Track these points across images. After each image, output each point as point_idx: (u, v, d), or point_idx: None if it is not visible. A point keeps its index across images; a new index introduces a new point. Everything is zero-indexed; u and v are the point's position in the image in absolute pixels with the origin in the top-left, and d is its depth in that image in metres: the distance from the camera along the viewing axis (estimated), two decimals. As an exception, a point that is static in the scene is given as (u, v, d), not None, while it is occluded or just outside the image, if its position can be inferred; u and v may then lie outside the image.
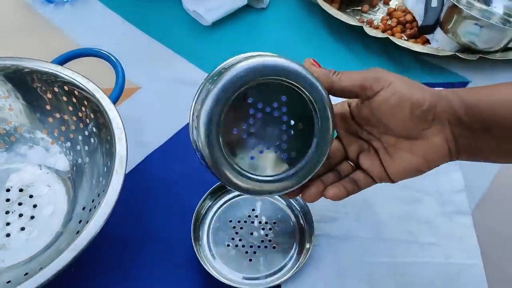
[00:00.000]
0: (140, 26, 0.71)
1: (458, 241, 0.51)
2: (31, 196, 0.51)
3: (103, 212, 0.40)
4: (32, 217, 0.50)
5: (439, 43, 0.67)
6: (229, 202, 0.52)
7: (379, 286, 0.48)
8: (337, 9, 0.69)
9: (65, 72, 0.49)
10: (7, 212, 0.50)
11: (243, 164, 0.36)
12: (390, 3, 0.74)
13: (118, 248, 0.50)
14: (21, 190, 0.52)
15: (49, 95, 0.51)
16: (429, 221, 0.52)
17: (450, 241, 0.51)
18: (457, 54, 0.62)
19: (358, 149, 0.40)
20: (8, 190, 0.52)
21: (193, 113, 0.36)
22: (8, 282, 0.44)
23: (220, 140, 0.35)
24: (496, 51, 0.63)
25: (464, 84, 0.64)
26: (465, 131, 0.36)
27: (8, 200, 0.51)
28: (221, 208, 0.52)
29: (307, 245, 0.49)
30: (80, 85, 0.48)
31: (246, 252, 0.49)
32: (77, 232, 0.45)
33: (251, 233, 0.50)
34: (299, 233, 0.50)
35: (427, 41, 0.68)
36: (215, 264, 0.48)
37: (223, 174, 0.35)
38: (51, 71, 0.49)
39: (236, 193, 0.52)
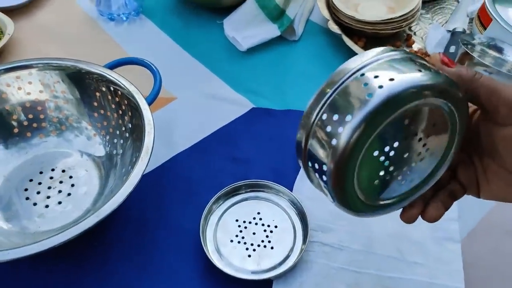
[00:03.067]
0: (184, 46, 0.80)
1: (444, 265, 0.54)
2: (71, 177, 0.60)
3: (124, 191, 0.47)
4: (69, 194, 0.58)
5: (453, 86, 0.72)
6: (239, 203, 0.58)
7: (364, 294, 0.52)
8: (362, 48, 0.76)
9: (112, 74, 0.58)
10: (49, 188, 0.59)
11: (364, 184, 0.32)
12: (413, 46, 0.80)
13: (136, 229, 0.57)
14: (63, 171, 0.60)
15: (98, 93, 0.60)
16: (419, 242, 0.55)
17: (437, 264, 0.54)
18: (465, 95, 0.66)
19: (457, 159, 0.37)
20: (53, 170, 0.60)
21: (322, 126, 0.31)
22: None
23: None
24: (506, 97, 0.67)
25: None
26: None
27: (51, 178, 0.60)
28: (231, 208, 0.58)
29: (302, 247, 0.54)
30: (123, 86, 0.57)
31: (247, 249, 0.54)
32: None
33: (254, 233, 0.55)
34: (295, 238, 0.55)
35: (442, 83, 0.73)
36: (217, 255, 0.53)
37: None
38: (101, 72, 0.59)
39: (246, 195, 0.59)
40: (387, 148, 0.31)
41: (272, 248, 0.54)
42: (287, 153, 0.64)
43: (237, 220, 0.57)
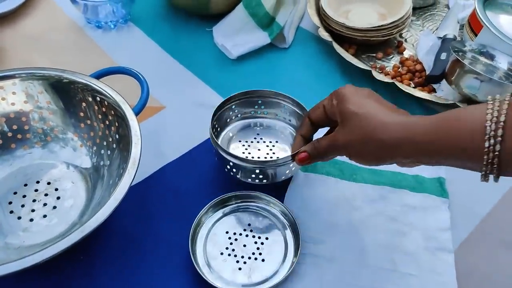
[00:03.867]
0: (173, 54, 0.79)
1: (438, 276, 0.53)
2: (56, 189, 0.58)
3: (111, 204, 0.46)
4: (54, 207, 0.57)
5: (444, 93, 0.71)
6: (229, 214, 0.57)
7: (357, 307, 0.51)
8: (353, 55, 0.75)
9: (98, 84, 0.57)
10: (34, 200, 0.57)
11: None
12: (404, 52, 0.79)
13: (123, 241, 0.55)
14: (49, 183, 0.59)
15: (83, 103, 0.59)
16: (412, 253, 0.55)
17: (430, 274, 0.53)
18: (456, 103, 0.66)
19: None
20: (38, 182, 0.59)
21: None
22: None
23: None
24: (497, 104, 0.67)
25: (464, 132, 0.67)
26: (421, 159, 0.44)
27: (36, 190, 0.58)
28: (221, 219, 0.57)
29: (293, 259, 0.52)
30: (109, 96, 0.55)
31: (237, 262, 0.53)
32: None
33: (244, 245, 0.54)
34: (286, 250, 0.54)
35: (433, 90, 0.72)
36: (207, 268, 0.52)
37: None
38: (87, 82, 0.57)
39: (237, 206, 0.58)
40: None
41: (263, 260, 0.53)
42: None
43: (227, 232, 0.56)
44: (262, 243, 0.55)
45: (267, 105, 0.65)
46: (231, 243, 0.55)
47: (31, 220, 0.55)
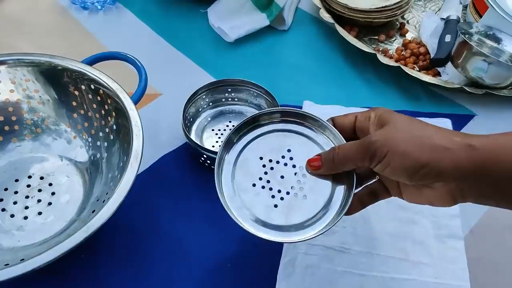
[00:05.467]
0: (166, 37, 0.75)
1: (449, 263, 0.52)
2: (50, 184, 0.55)
3: (115, 200, 0.43)
4: (50, 204, 0.53)
5: (449, 77, 0.70)
6: (263, 136, 0.45)
7: (369, 299, 0.50)
8: (354, 37, 0.73)
9: (92, 71, 0.53)
10: (26, 197, 0.54)
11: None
12: (407, 35, 0.77)
13: (126, 236, 0.53)
14: (41, 178, 0.55)
15: (77, 92, 0.55)
16: (422, 242, 0.54)
17: (441, 262, 0.52)
18: (463, 87, 0.64)
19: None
20: (30, 177, 0.55)
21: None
22: (22, 260, 0.47)
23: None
24: (503, 88, 0.66)
25: (469, 117, 0.66)
26: (471, 185, 0.36)
27: (29, 186, 0.55)
28: (254, 141, 0.45)
29: (341, 208, 0.41)
30: (105, 84, 0.52)
31: (273, 197, 0.42)
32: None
33: (282, 176, 0.43)
34: (334, 188, 0.43)
35: (438, 74, 0.71)
36: (234, 201, 0.42)
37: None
38: (80, 69, 0.53)
39: (272, 127, 0.46)
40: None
41: (305, 196, 0.42)
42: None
43: (261, 158, 0.44)
44: (303, 175, 0.43)
45: (236, 92, 0.64)
46: (266, 173, 0.43)
47: (25, 218, 0.52)
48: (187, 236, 0.53)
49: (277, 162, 0.44)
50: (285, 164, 0.44)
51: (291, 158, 0.44)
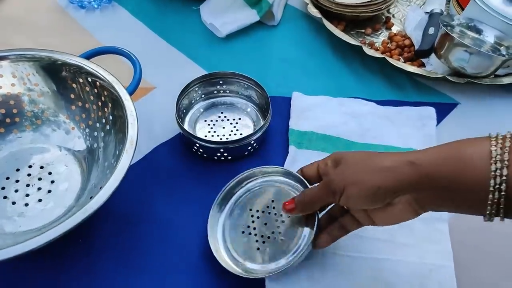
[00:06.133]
0: (160, 33, 0.78)
1: (433, 244, 0.54)
2: (50, 173, 0.57)
3: (112, 184, 0.45)
4: (49, 191, 0.56)
5: (433, 67, 0.72)
6: (253, 190, 0.55)
7: (356, 278, 0.51)
8: (341, 31, 0.75)
9: (90, 65, 0.55)
10: (27, 185, 0.56)
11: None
12: (392, 28, 0.80)
13: (121, 223, 0.55)
14: (41, 167, 0.58)
15: (75, 85, 0.58)
16: (408, 224, 0.55)
17: (425, 244, 0.54)
18: (446, 76, 0.67)
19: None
20: (30, 167, 0.58)
21: None
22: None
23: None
24: (485, 77, 0.68)
25: (453, 105, 0.69)
26: (423, 196, 0.40)
27: (29, 175, 0.57)
28: (245, 195, 0.55)
29: (304, 248, 0.49)
30: (102, 77, 0.54)
31: (257, 241, 0.51)
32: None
33: (265, 223, 0.52)
34: (304, 229, 0.51)
35: (422, 65, 0.73)
36: (224, 247, 0.51)
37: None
38: (78, 63, 0.56)
39: (260, 181, 0.55)
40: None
41: (281, 240, 0.51)
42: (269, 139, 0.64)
43: (251, 209, 0.53)
44: (282, 221, 0.52)
45: (228, 84, 0.67)
46: (253, 221, 0.52)
47: (26, 205, 0.54)
48: (180, 223, 0.55)
49: (263, 211, 0.53)
50: (269, 213, 0.53)
51: (273, 207, 0.53)
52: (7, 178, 0.56)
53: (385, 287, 0.51)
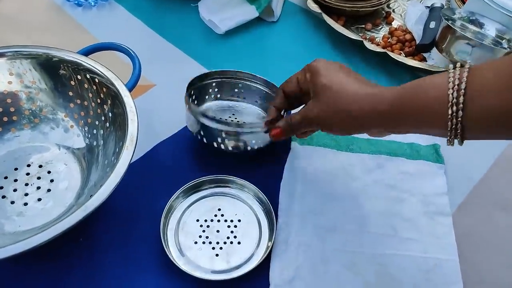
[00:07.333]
0: (158, 31, 0.77)
1: (437, 239, 0.54)
2: (49, 172, 0.57)
3: (112, 181, 0.45)
4: (49, 190, 0.55)
5: (435, 61, 0.72)
6: (197, 202, 0.55)
7: (360, 273, 0.51)
8: (342, 26, 0.75)
9: (88, 61, 0.55)
10: (26, 184, 0.55)
11: None
12: (393, 23, 0.79)
13: (122, 221, 0.54)
14: (40, 166, 0.57)
15: (73, 82, 0.57)
16: (411, 219, 0.56)
17: (430, 238, 0.54)
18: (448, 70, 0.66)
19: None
20: (29, 166, 0.57)
21: None
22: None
23: None
24: (487, 71, 0.67)
25: (455, 99, 0.68)
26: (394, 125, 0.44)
27: (28, 174, 0.56)
28: (190, 207, 0.55)
29: (269, 243, 0.52)
30: (101, 73, 0.54)
31: (213, 248, 0.51)
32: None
33: (218, 231, 0.53)
34: (261, 231, 0.53)
35: (423, 59, 0.73)
36: (183, 260, 0.50)
37: None
38: (76, 60, 0.55)
39: (204, 193, 0.56)
40: None
41: (239, 243, 0.52)
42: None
43: (198, 220, 0.54)
44: (235, 226, 0.53)
45: (246, 89, 0.65)
46: (203, 231, 0.53)
47: (25, 204, 0.54)
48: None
49: (211, 220, 0.54)
50: (218, 221, 0.54)
51: (222, 215, 0.54)
52: (6, 178, 0.56)
53: (389, 282, 0.51)
